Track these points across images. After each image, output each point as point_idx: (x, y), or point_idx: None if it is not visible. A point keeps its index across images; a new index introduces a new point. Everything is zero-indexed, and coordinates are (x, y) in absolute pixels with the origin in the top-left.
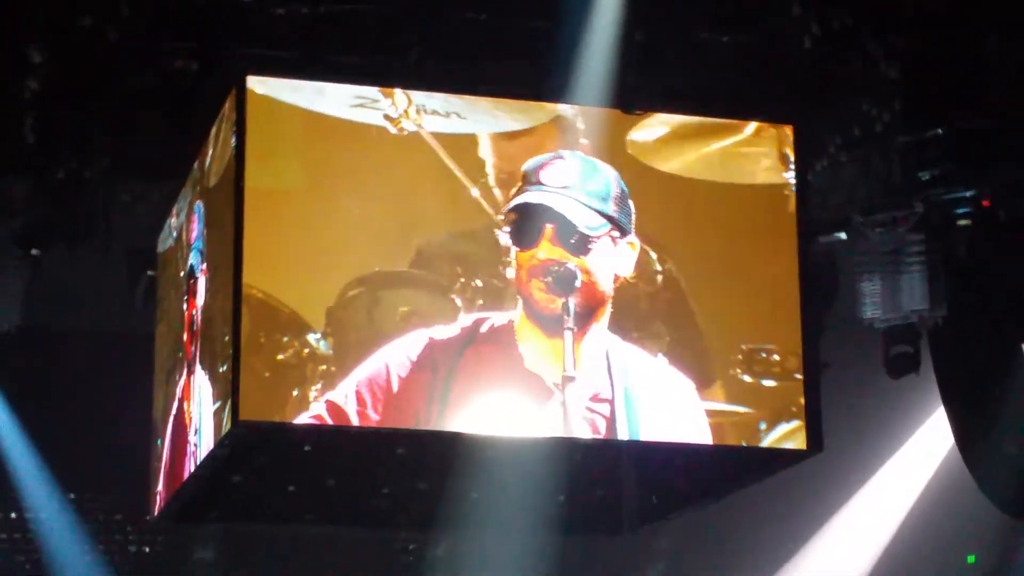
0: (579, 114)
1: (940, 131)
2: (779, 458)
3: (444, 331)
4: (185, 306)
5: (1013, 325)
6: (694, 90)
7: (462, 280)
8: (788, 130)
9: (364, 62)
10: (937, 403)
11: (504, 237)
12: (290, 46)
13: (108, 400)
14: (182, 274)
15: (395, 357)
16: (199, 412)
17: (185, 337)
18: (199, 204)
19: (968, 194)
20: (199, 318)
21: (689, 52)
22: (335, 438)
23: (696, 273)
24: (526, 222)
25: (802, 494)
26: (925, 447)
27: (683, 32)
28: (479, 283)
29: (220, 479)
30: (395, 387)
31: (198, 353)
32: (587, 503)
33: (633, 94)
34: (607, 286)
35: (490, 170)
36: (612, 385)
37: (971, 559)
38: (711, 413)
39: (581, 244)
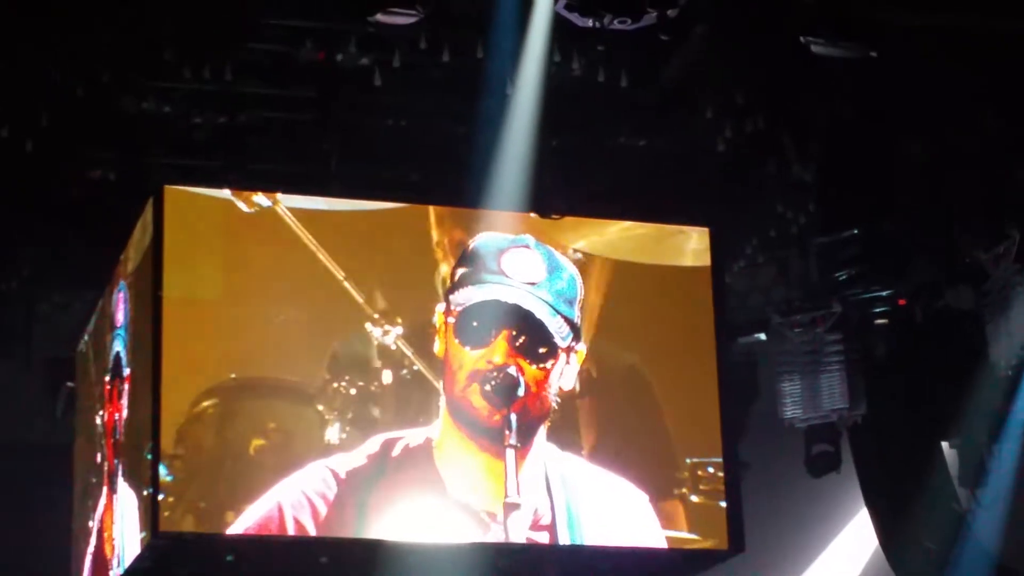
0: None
1: (855, 231)
2: (701, 558)
3: (346, 461)
4: (103, 415)
5: (932, 422)
6: (612, 193)
7: (333, 385)
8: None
9: (283, 169)
10: (860, 501)
11: (380, 333)
12: (209, 154)
13: (27, 513)
14: (106, 365)
15: (289, 496)
16: (122, 525)
17: (106, 446)
18: (123, 284)
19: (884, 293)
20: (121, 429)
21: (606, 156)
22: (258, 548)
23: (634, 379)
24: (482, 318)
25: None
26: (849, 545)
27: (599, 137)
28: (352, 391)
29: None
30: (291, 531)
31: (121, 467)
32: None
33: (551, 199)
34: (552, 399)
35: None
36: (553, 507)
37: None
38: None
39: (543, 354)
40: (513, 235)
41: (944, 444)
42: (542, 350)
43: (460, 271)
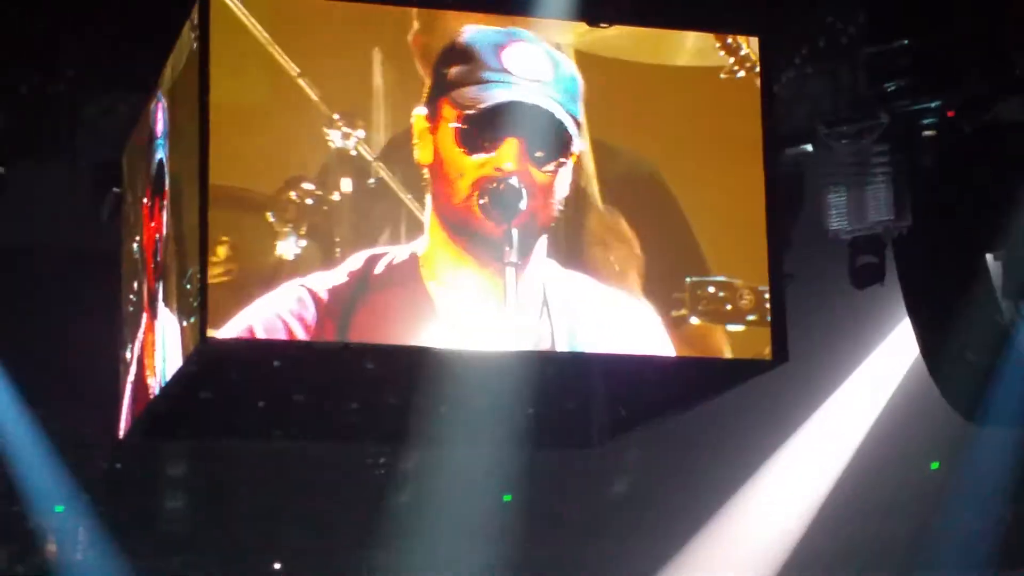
0: None
1: (905, 42)
2: (745, 368)
3: (325, 279)
4: (140, 239)
5: (977, 235)
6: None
7: (289, 195)
8: (754, 41)
9: None
10: (902, 313)
11: (339, 137)
12: None
13: (75, 317)
14: (148, 179)
15: (262, 317)
16: (163, 351)
17: (146, 271)
18: (160, 95)
19: (933, 105)
20: (161, 248)
21: None
22: (303, 353)
23: (652, 189)
24: (492, 121)
25: (769, 404)
26: (890, 357)
27: None
28: (309, 200)
29: (188, 397)
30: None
31: (162, 289)
32: (557, 416)
33: (598, 5)
34: (556, 208)
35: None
36: (552, 335)
37: (935, 465)
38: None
39: (548, 157)
40: (504, 28)
41: (988, 256)
42: (553, 154)
43: (454, 69)
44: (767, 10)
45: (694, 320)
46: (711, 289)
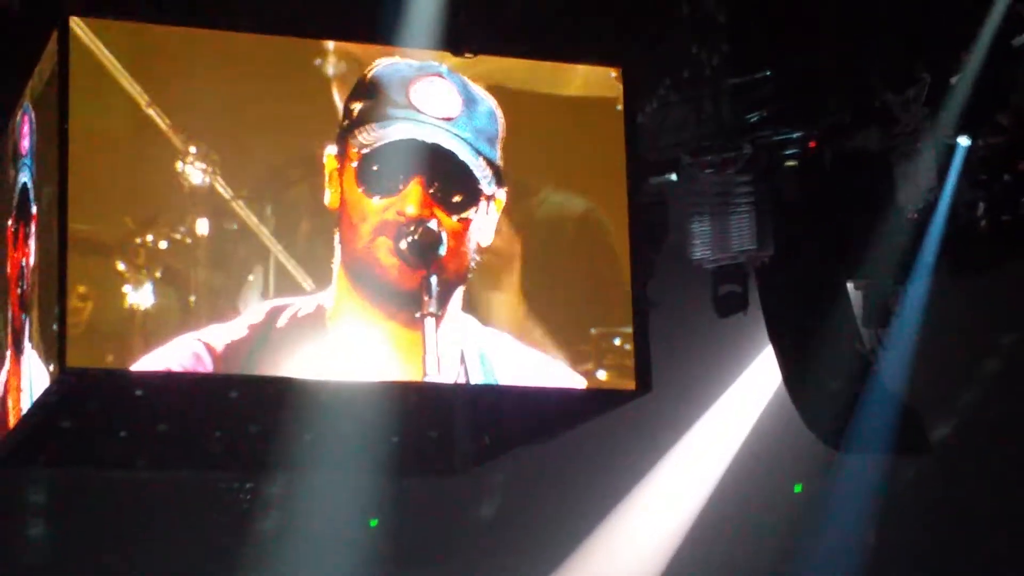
0: None
1: (768, 73)
2: (608, 398)
3: (222, 333)
4: (12, 251)
5: (838, 264)
6: (522, 32)
7: (137, 240)
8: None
9: None
10: (765, 341)
11: (196, 174)
12: None
13: None
14: (11, 203)
15: (159, 368)
16: (28, 370)
17: (11, 301)
18: (28, 106)
19: (795, 135)
20: (28, 277)
21: None
22: (167, 383)
23: (569, 229)
24: (391, 162)
25: (635, 432)
26: (753, 385)
27: None
28: (163, 243)
29: (49, 425)
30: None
31: (27, 324)
32: (420, 444)
33: (464, 35)
34: (472, 257)
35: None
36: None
37: (798, 488)
38: None
39: (463, 203)
40: (419, 61)
41: (849, 285)
42: (462, 198)
43: (358, 105)
44: (632, 41)
45: (601, 374)
46: (616, 341)
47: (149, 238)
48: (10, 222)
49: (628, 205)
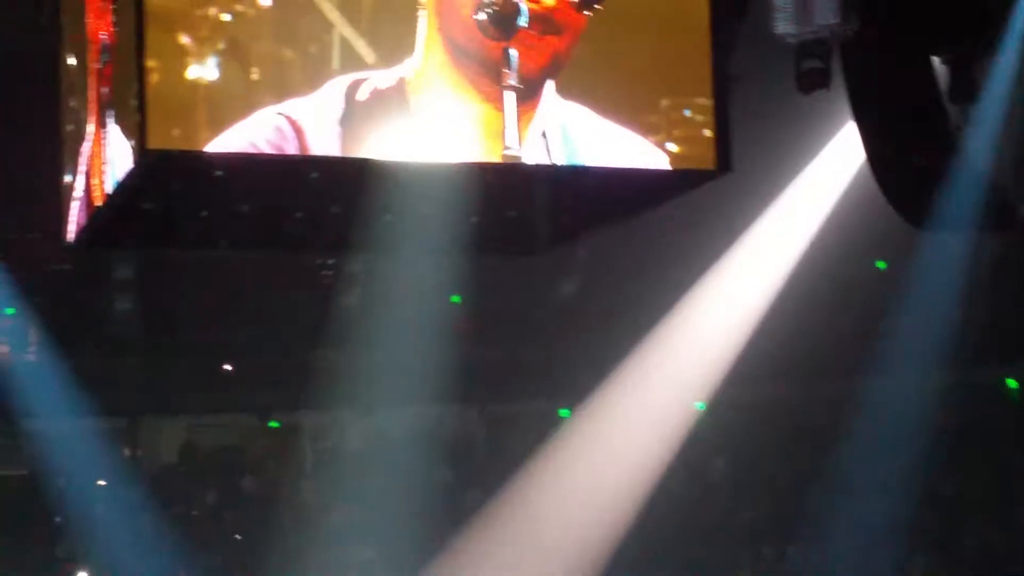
0: None
1: None
2: (689, 179)
3: (304, 107)
4: (92, 21)
5: (923, 38)
6: None
7: (200, 11)
8: None
9: None
10: (847, 118)
11: None
12: None
13: (15, 125)
14: None
15: (235, 146)
16: (110, 142)
17: (93, 68)
18: None
19: None
20: (110, 50)
21: None
22: (247, 164)
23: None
24: None
25: (714, 212)
26: (836, 162)
27: None
28: (226, 15)
29: (133, 207)
30: None
31: (110, 96)
32: (500, 224)
33: None
34: (567, 33)
35: None
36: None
37: (881, 264)
38: None
39: None
40: None
41: (935, 60)
42: None
43: None
44: None
45: (672, 146)
46: (687, 112)
47: (212, 10)
48: None
49: None
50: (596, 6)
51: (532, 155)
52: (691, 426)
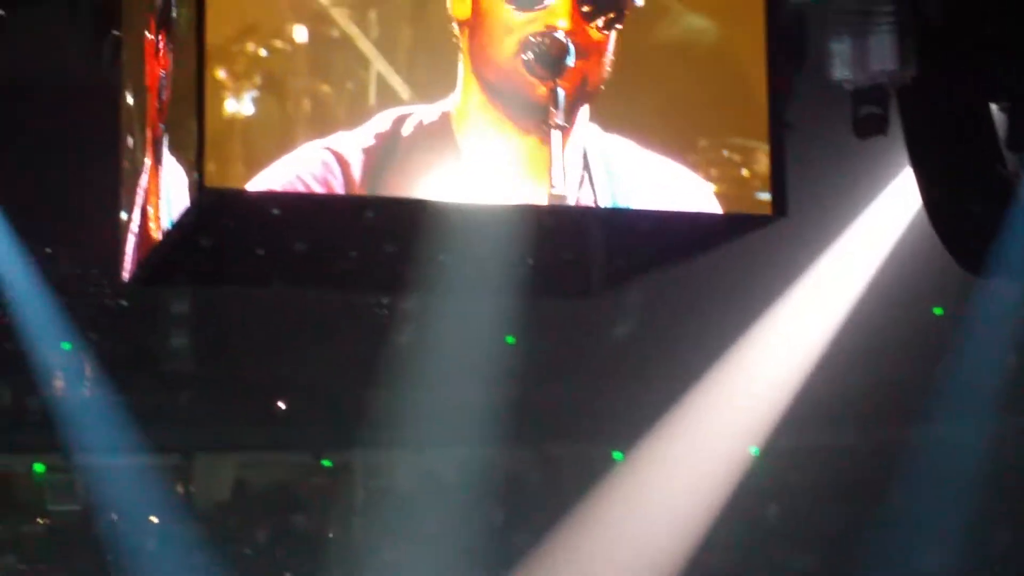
0: None
1: None
2: (743, 223)
3: (350, 141)
4: (153, 60)
5: (982, 84)
6: None
7: (236, 46)
8: None
9: None
10: (904, 164)
11: None
12: None
13: (75, 158)
14: (153, 8)
15: (281, 181)
16: (168, 196)
17: (149, 111)
18: None
19: None
20: (168, 86)
21: None
22: (302, 203)
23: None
24: None
25: (770, 256)
26: (892, 208)
27: None
28: (263, 51)
29: (188, 244)
30: None
31: (167, 133)
32: (555, 265)
33: None
34: (605, 71)
35: None
36: (595, 199)
37: (938, 311)
38: None
39: (614, 18)
40: None
41: (993, 107)
42: (611, 14)
43: None
44: None
45: (718, 185)
46: (725, 152)
47: (250, 46)
48: (149, 33)
49: (766, 23)
50: (617, 26)
51: (577, 192)
52: (745, 472)
